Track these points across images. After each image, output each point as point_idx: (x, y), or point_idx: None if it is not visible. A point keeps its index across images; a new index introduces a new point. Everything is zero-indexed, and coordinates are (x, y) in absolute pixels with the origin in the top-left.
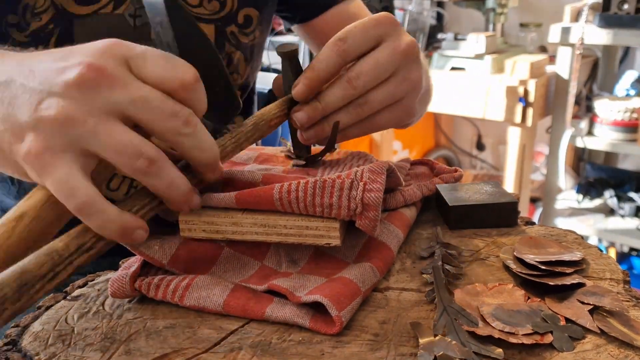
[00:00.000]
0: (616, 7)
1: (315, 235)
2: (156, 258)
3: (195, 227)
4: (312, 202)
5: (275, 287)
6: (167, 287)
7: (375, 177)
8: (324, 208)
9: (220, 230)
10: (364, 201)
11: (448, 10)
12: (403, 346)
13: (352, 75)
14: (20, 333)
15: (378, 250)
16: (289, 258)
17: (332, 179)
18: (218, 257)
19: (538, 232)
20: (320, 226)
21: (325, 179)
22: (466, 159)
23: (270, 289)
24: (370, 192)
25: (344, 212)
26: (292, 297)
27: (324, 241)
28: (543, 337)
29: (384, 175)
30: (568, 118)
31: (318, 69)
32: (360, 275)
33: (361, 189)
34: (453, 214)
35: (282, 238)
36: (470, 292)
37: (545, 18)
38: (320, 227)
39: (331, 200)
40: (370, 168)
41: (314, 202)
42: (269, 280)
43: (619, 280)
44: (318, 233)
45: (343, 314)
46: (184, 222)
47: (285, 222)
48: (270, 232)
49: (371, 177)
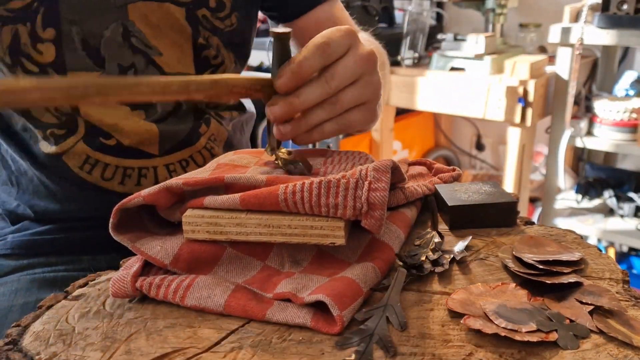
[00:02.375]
0: (615, 8)
1: (320, 234)
2: (158, 258)
3: (199, 228)
4: (318, 202)
5: (280, 295)
6: (168, 287)
7: (380, 175)
8: (330, 208)
9: (224, 231)
10: (370, 201)
11: (448, 11)
12: (403, 346)
13: (328, 76)
14: (21, 333)
15: (380, 251)
16: (292, 258)
17: (337, 179)
18: (220, 257)
19: (537, 232)
20: (324, 225)
21: (330, 179)
22: (466, 159)
23: (275, 298)
24: (376, 191)
25: (350, 212)
26: (295, 299)
27: (329, 240)
28: (548, 335)
29: (388, 173)
30: (567, 118)
31: (305, 65)
32: (362, 276)
33: (366, 188)
34: (452, 214)
35: (286, 238)
36: (472, 292)
37: (544, 18)
38: (325, 227)
39: (337, 200)
40: (375, 167)
41: (319, 202)
42: (272, 282)
43: (618, 280)
44: (323, 232)
45: (345, 314)
46: (187, 223)
47: (289, 222)
48: (275, 232)
49: (376, 175)
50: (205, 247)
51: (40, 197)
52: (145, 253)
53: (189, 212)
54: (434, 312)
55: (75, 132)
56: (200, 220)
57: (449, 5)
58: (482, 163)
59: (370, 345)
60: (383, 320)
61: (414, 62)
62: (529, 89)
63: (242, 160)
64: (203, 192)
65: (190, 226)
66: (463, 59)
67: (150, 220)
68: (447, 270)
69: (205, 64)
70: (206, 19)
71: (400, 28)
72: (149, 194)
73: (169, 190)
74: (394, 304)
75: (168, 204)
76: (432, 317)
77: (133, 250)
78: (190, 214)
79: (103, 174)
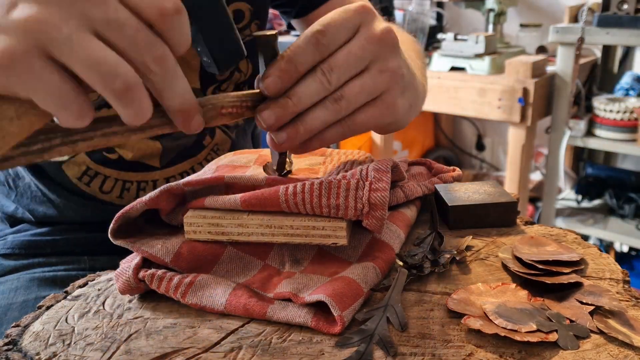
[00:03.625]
0: (616, 8)
1: (322, 235)
2: (159, 256)
3: (200, 229)
4: (319, 203)
5: (280, 295)
6: (170, 281)
7: (380, 175)
8: (331, 209)
9: (225, 231)
10: (371, 201)
11: (448, 11)
12: (403, 346)
13: (326, 67)
14: (21, 333)
15: (381, 251)
16: (292, 258)
17: (337, 180)
18: (221, 256)
19: (538, 232)
20: (326, 226)
21: (331, 180)
22: (466, 159)
23: (276, 298)
24: (377, 191)
25: (351, 212)
26: (296, 299)
27: (331, 241)
28: (548, 336)
29: (389, 173)
30: (568, 118)
31: (295, 60)
32: (363, 276)
33: (367, 188)
34: (452, 214)
35: (288, 239)
36: (473, 292)
37: (545, 18)
38: (326, 227)
39: (338, 201)
40: (375, 167)
41: (320, 203)
42: (272, 282)
43: (618, 280)
44: (325, 233)
45: (345, 314)
46: (189, 224)
47: (291, 223)
48: (277, 232)
49: (377, 175)
50: (206, 245)
51: (38, 203)
52: (146, 252)
53: (190, 213)
54: (434, 312)
55: None
56: (202, 221)
57: (449, 5)
58: (482, 163)
59: (370, 346)
60: (383, 321)
61: None
62: (529, 88)
63: (241, 160)
64: (204, 193)
65: (191, 227)
66: (463, 58)
67: (148, 223)
68: (447, 270)
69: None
70: None
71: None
72: (150, 198)
73: (170, 192)
74: (395, 304)
75: (170, 206)
76: (432, 317)
77: (134, 251)
78: (192, 214)
79: (102, 187)
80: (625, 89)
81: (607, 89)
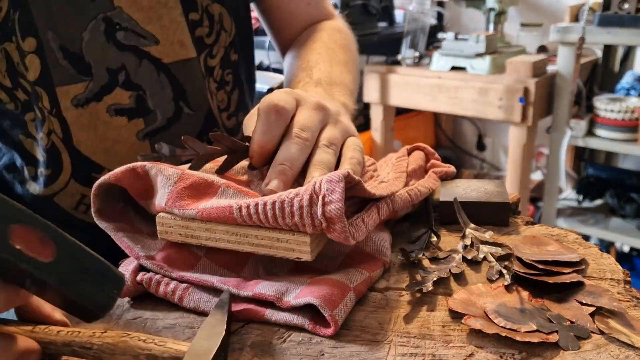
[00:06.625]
0: (616, 7)
1: (286, 248)
2: (135, 250)
3: (172, 230)
4: (276, 222)
5: (261, 295)
6: (167, 285)
7: (333, 186)
8: (290, 226)
9: (194, 235)
10: (326, 215)
11: (448, 10)
12: (403, 346)
13: (297, 131)
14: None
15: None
16: (268, 272)
17: (290, 198)
18: (194, 266)
19: (538, 232)
20: (290, 239)
21: (284, 199)
22: (467, 159)
23: (256, 298)
24: (330, 204)
25: (310, 229)
26: (280, 303)
27: (295, 255)
28: (549, 336)
29: (342, 182)
30: (568, 118)
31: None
32: (345, 274)
33: (320, 203)
34: (443, 209)
35: (253, 248)
36: (473, 292)
37: (545, 18)
38: (290, 240)
39: (293, 220)
40: (328, 178)
41: (277, 222)
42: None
43: (619, 280)
44: (289, 246)
45: (336, 313)
46: (161, 224)
47: (256, 233)
48: (242, 241)
49: (329, 187)
50: (180, 254)
51: None
52: (125, 242)
53: (163, 214)
54: (435, 313)
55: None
56: (173, 222)
57: (450, 4)
58: (483, 163)
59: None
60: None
61: (415, 62)
62: (530, 88)
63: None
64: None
65: (163, 227)
66: (464, 58)
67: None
68: (448, 270)
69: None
70: None
71: (401, 27)
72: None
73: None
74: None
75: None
76: (433, 318)
77: (113, 237)
78: (164, 215)
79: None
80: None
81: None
